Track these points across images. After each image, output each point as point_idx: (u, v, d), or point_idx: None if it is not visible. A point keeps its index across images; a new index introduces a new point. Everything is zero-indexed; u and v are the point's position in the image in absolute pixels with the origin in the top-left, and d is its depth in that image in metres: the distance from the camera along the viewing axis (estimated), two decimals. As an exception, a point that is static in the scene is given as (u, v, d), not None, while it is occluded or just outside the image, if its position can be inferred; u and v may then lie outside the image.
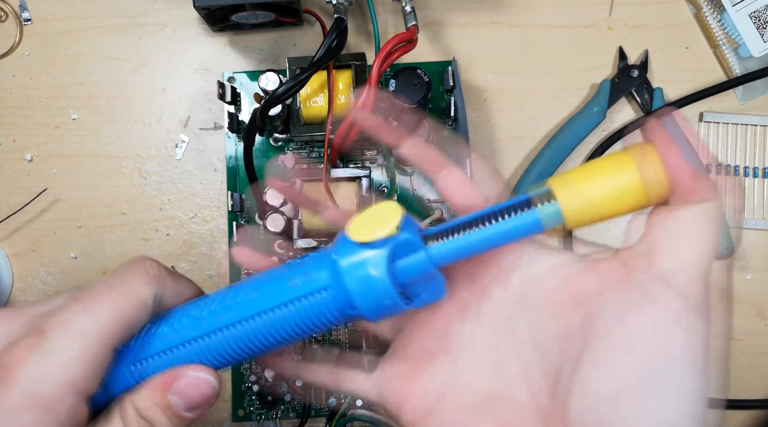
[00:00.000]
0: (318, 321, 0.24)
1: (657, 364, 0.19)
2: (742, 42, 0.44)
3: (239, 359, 0.25)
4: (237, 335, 0.24)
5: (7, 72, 0.45)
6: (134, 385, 0.25)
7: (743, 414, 0.43)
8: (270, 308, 0.24)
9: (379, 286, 0.23)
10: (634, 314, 0.20)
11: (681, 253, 0.20)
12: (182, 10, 0.45)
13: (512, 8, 0.45)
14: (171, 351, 0.25)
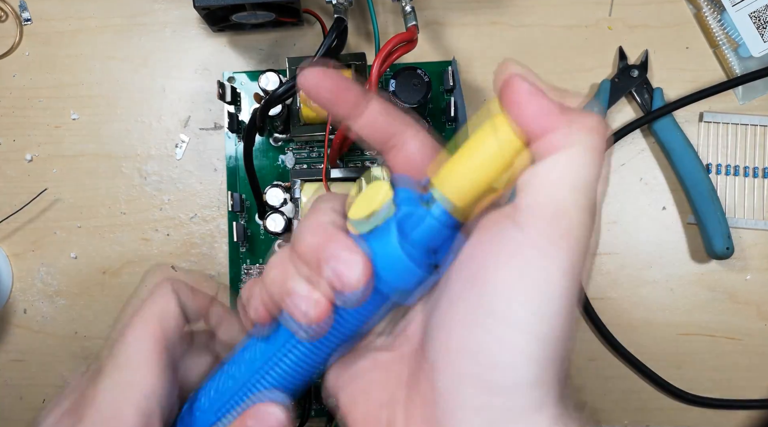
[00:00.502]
0: (363, 318, 0.24)
1: (492, 297, 0.20)
2: (742, 42, 0.44)
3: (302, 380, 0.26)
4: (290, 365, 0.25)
5: (7, 72, 0.45)
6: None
7: (743, 414, 0.43)
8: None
9: (400, 266, 0.22)
10: (478, 249, 0.21)
11: (531, 195, 0.20)
12: (182, 10, 0.45)
13: (512, 8, 0.45)
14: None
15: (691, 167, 0.43)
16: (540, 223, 0.20)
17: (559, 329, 0.19)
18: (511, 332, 0.19)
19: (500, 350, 0.19)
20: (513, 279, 0.19)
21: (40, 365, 0.43)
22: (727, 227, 0.42)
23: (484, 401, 0.19)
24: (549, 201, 0.20)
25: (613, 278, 0.44)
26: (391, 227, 0.22)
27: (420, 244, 0.22)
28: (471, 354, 0.20)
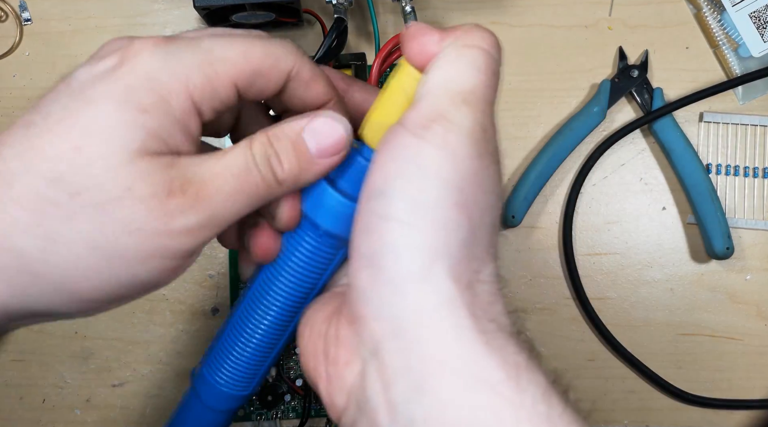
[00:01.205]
0: (319, 266, 0.26)
1: (372, 185, 0.21)
2: (742, 42, 0.44)
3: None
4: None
5: (7, 72, 0.45)
6: None
7: (743, 414, 0.43)
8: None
9: (330, 200, 0.25)
10: (378, 159, 0.22)
11: (414, 105, 0.22)
12: (182, 10, 0.45)
13: (512, 8, 0.45)
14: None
15: (691, 167, 0.43)
16: (415, 115, 0.21)
17: (438, 204, 0.20)
18: (389, 206, 0.21)
19: (384, 230, 0.21)
20: (389, 164, 0.21)
21: (40, 365, 0.43)
22: (727, 227, 0.42)
23: (374, 278, 0.21)
24: (428, 105, 0.22)
25: (613, 278, 0.44)
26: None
27: (352, 181, 0.25)
28: (366, 246, 0.21)
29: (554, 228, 0.44)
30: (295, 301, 0.27)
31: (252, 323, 0.27)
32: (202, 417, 0.30)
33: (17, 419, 0.43)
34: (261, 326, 0.27)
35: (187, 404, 0.30)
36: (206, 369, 0.29)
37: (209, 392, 0.29)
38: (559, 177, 0.44)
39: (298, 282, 0.26)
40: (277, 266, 0.27)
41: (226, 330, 0.28)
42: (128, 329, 0.43)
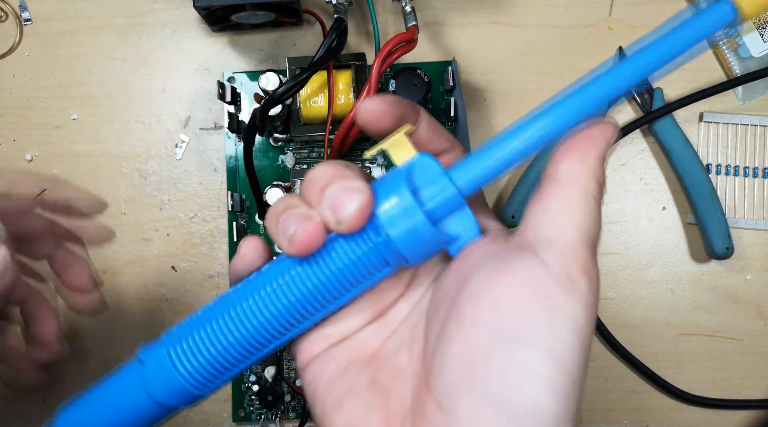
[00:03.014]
0: (366, 276, 0.23)
1: (511, 323, 0.20)
2: (742, 42, 0.44)
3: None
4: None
5: (7, 72, 0.45)
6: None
7: (743, 414, 0.43)
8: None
9: (419, 226, 0.22)
10: (499, 278, 0.21)
11: (547, 228, 0.22)
12: (182, 10, 0.45)
13: (512, 8, 0.45)
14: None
15: (691, 167, 0.43)
16: (560, 259, 0.20)
17: (579, 363, 0.19)
18: (535, 359, 0.19)
19: (524, 376, 0.19)
20: (537, 309, 0.20)
21: (40, 365, 0.43)
22: (727, 227, 0.42)
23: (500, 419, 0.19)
24: (572, 253, 0.21)
25: (613, 278, 0.44)
26: (403, 175, 0.22)
27: (441, 207, 0.22)
28: (491, 377, 0.19)
29: (554, 228, 0.44)
30: (311, 303, 0.23)
31: (251, 312, 0.23)
32: (136, 402, 0.24)
33: (18, 418, 0.43)
34: (260, 318, 0.23)
35: (123, 381, 0.24)
36: (171, 348, 0.23)
37: (160, 377, 0.23)
38: (559, 177, 0.44)
39: (326, 286, 0.22)
40: (308, 262, 0.23)
41: (214, 311, 0.24)
42: (128, 329, 0.43)
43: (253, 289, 0.23)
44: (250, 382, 0.42)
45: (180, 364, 0.23)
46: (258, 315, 0.23)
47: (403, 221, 0.21)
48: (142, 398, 0.23)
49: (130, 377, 0.24)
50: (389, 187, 0.22)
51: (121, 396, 0.24)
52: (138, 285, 0.44)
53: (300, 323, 0.23)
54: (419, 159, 0.22)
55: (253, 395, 0.42)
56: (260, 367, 0.42)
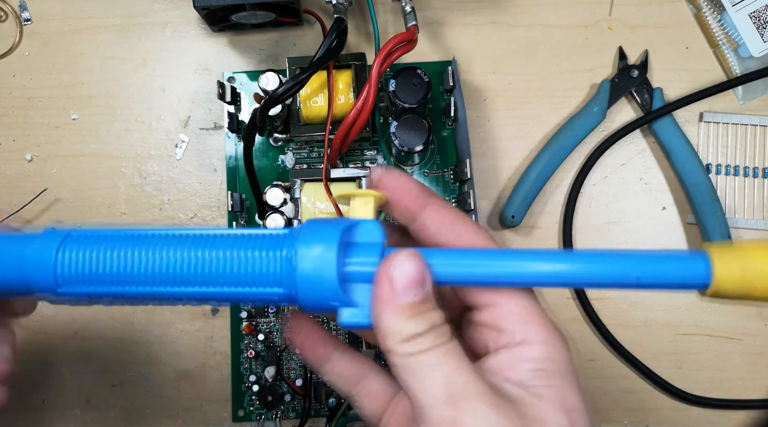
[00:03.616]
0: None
1: None
2: (742, 42, 0.44)
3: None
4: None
5: (7, 72, 0.45)
6: None
7: (743, 414, 0.43)
8: (213, 284, 0.23)
9: (326, 285, 0.22)
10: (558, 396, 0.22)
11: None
12: (182, 10, 0.45)
13: (512, 8, 0.45)
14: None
15: (691, 167, 0.43)
16: (560, 406, 0.22)
17: None
18: None
19: None
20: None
21: (40, 365, 0.43)
22: (727, 227, 0.42)
23: None
24: (568, 391, 0.22)
25: (613, 278, 0.44)
26: (344, 227, 0.23)
27: (349, 266, 0.22)
28: None
29: (554, 228, 0.44)
30: (195, 271, 0.23)
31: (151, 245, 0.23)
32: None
33: (18, 419, 0.43)
34: (154, 255, 0.23)
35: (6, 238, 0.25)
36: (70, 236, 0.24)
37: (40, 249, 0.24)
38: (559, 177, 0.44)
39: (219, 263, 0.23)
40: (222, 236, 0.23)
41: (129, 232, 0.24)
42: (128, 329, 0.43)
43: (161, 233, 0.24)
44: (250, 382, 0.42)
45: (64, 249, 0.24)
46: (153, 253, 0.23)
47: (314, 262, 0.22)
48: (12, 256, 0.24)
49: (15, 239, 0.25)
50: (327, 229, 0.22)
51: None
52: (138, 285, 0.44)
53: (176, 286, 0.23)
54: (370, 223, 0.23)
55: (253, 395, 0.42)
56: (260, 367, 0.42)
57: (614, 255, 0.22)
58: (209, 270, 0.23)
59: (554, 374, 0.23)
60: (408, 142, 0.40)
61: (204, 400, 0.43)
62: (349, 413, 0.41)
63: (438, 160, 0.44)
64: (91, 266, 0.23)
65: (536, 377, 0.22)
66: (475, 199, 0.40)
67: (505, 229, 0.44)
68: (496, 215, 0.44)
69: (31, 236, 0.25)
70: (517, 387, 0.22)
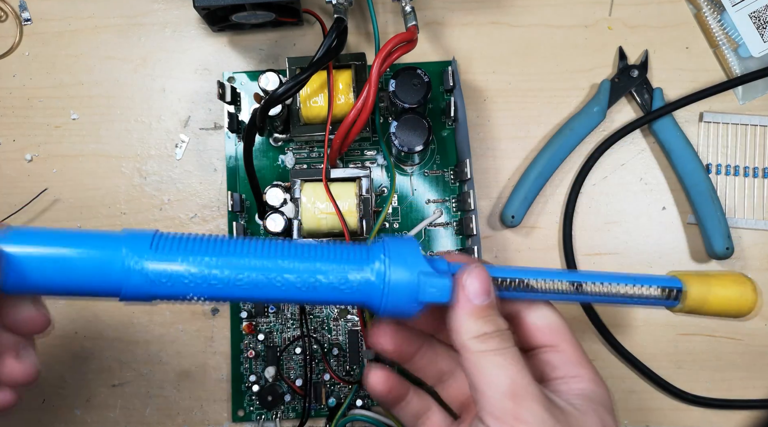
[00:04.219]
0: (333, 302, 0.28)
1: None
2: (742, 42, 0.44)
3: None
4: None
5: (7, 72, 0.45)
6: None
7: (743, 414, 0.43)
8: (300, 289, 0.27)
9: (410, 302, 0.27)
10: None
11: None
12: (182, 10, 0.45)
13: (512, 8, 0.45)
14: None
15: (691, 167, 0.43)
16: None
17: None
18: None
19: None
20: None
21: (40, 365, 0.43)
22: (727, 227, 0.42)
23: None
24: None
25: (613, 278, 0.44)
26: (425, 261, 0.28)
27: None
28: None
29: (554, 228, 0.44)
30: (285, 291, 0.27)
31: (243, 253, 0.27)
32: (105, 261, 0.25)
33: (18, 418, 0.43)
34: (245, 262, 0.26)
35: (101, 237, 0.26)
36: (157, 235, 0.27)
37: (136, 247, 0.26)
38: (559, 177, 0.44)
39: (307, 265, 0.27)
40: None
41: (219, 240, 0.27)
42: (128, 329, 0.43)
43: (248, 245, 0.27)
44: (250, 382, 0.42)
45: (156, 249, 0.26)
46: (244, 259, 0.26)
47: (403, 279, 0.27)
48: (113, 259, 0.25)
49: (110, 238, 0.26)
50: (412, 254, 0.28)
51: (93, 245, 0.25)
52: (138, 285, 0.44)
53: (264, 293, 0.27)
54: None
55: (253, 395, 0.42)
56: (260, 367, 0.42)
57: (599, 275, 0.29)
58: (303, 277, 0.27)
59: (598, 404, 0.28)
60: (408, 142, 0.40)
61: (204, 400, 0.43)
62: (349, 413, 0.41)
63: (438, 160, 0.44)
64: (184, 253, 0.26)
65: (583, 402, 0.28)
66: (475, 199, 0.40)
67: (505, 229, 0.44)
68: (496, 215, 0.44)
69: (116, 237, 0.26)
70: (566, 403, 0.27)
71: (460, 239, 0.43)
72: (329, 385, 0.42)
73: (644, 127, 0.44)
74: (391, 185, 0.43)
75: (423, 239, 0.43)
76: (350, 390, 0.41)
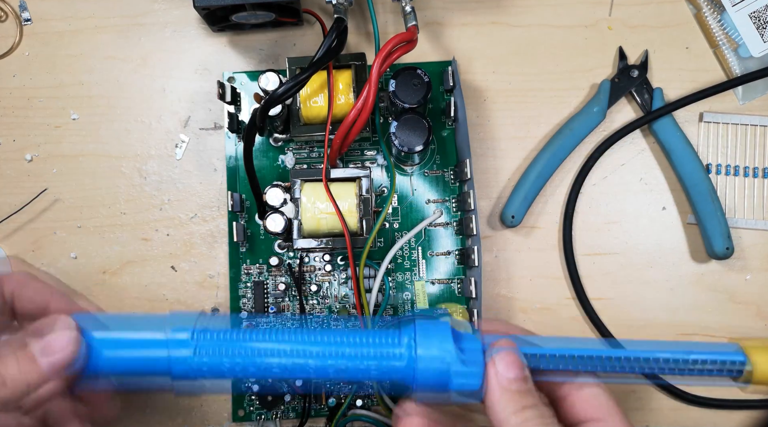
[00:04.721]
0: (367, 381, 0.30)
1: None
2: (742, 42, 0.44)
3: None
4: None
5: (7, 72, 0.45)
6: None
7: (743, 414, 0.43)
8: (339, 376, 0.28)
9: (443, 381, 0.27)
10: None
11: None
12: (182, 10, 0.45)
13: (512, 8, 0.45)
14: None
15: (691, 167, 0.43)
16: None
17: None
18: None
19: None
20: None
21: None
22: (727, 227, 0.42)
23: None
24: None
25: (613, 278, 0.44)
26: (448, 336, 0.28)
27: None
28: None
29: (554, 228, 0.44)
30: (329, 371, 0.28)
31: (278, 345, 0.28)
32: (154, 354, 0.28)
33: (17, 419, 0.43)
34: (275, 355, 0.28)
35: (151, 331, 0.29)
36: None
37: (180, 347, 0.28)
38: (559, 177, 0.44)
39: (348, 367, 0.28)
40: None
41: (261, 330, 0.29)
42: (128, 329, 0.43)
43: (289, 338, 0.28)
44: (250, 382, 0.42)
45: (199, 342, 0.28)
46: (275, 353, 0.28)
47: (434, 364, 0.27)
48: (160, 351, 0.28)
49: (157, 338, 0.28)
50: (441, 335, 0.28)
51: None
52: (138, 285, 0.44)
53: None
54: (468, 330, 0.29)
55: (253, 395, 0.42)
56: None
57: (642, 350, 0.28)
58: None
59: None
60: (408, 142, 0.40)
61: (204, 400, 0.43)
62: (349, 413, 0.41)
63: (438, 160, 0.44)
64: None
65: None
66: (475, 199, 0.40)
67: (505, 229, 0.44)
68: (496, 215, 0.44)
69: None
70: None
71: (460, 238, 0.43)
72: (329, 385, 0.42)
73: (644, 127, 0.44)
74: (391, 185, 0.43)
75: (423, 238, 0.43)
76: (350, 390, 0.41)
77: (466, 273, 0.42)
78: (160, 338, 0.28)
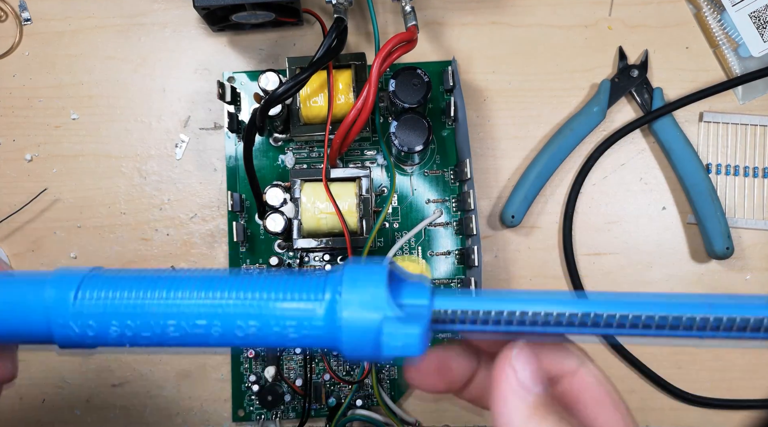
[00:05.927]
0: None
1: None
2: (742, 42, 0.44)
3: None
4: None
5: (7, 72, 0.45)
6: None
7: (743, 414, 0.43)
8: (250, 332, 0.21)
9: (371, 337, 0.20)
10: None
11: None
12: (182, 10, 0.45)
13: (512, 8, 0.45)
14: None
15: (691, 167, 0.43)
16: None
17: None
18: None
19: None
20: None
21: (40, 365, 0.43)
22: (727, 227, 0.42)
23: None
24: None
25: (613, 278, 0.44)
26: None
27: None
28: None
29: (554, 228, 0.44)
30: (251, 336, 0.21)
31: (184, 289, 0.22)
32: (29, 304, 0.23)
33: (17, 419, 0.43)
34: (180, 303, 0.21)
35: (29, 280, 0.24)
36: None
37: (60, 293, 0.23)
38: (559, 177, 0.44)
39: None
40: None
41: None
42: (128, 329, 0.43)
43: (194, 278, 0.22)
44: (250, 382, 0.42)
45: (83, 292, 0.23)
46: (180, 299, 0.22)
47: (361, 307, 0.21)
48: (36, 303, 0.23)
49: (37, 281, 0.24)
50: (373, 284, 0.21)
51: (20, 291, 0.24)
52: (138, 285, 0.44)
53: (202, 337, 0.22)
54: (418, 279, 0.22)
55: (253, 395, 0.42)
56: (260, 367, 0.42)
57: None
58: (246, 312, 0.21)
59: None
60: (408, 142, 0.40)
61: (204, 400, 0.43)
62: (349, 413, 0.41)
63: (438, 160, 0.44)
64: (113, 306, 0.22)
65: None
66: (475, 199, 0.40)
67: (505, 229, 0.44)
68: (496, 215, 0.44)
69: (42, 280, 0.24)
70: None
71: (460, 238, 0.43)
72: (329, 385, 0.42)
73: (644, 127, 0.44)
74: (391, 185, 0.43)
75: (423, 238, 0.43)
76: (350, 390, 0.41)
77: (466, 273, 0.42)
78: (37, 298, 0.23)
